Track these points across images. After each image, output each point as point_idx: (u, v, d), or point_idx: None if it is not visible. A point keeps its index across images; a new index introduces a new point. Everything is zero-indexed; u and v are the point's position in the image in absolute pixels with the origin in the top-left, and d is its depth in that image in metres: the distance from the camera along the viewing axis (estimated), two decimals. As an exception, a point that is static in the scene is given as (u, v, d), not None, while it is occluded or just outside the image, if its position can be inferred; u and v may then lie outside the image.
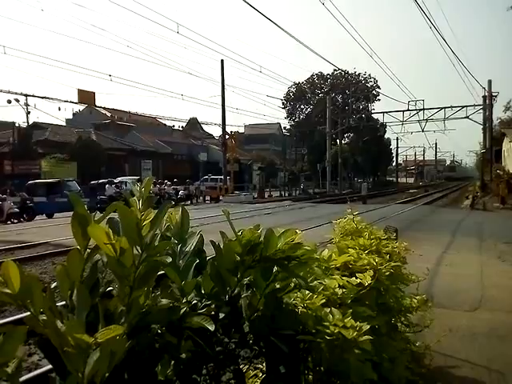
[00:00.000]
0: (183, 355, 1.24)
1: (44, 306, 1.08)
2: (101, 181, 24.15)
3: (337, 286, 1.75)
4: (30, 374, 3.41)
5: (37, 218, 19.90)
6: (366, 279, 1.86)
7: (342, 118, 46.08)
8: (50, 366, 1.25)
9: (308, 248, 1.33)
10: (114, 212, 1.27)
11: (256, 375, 2.04)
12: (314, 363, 1.74)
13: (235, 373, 1.45)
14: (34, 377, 3.31)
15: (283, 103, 61.75)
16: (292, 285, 1.42)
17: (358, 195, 30.04)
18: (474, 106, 36.24)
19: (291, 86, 61.06)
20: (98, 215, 1.33)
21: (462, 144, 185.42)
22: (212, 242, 1.42)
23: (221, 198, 30.18)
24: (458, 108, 37.15)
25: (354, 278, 1.87)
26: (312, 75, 62.41)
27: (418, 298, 2.61)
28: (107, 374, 1.00)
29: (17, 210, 19.01)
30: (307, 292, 1.55)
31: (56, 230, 12.12)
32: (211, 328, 1.14)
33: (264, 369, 1.92)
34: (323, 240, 3.37)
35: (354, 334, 1.45)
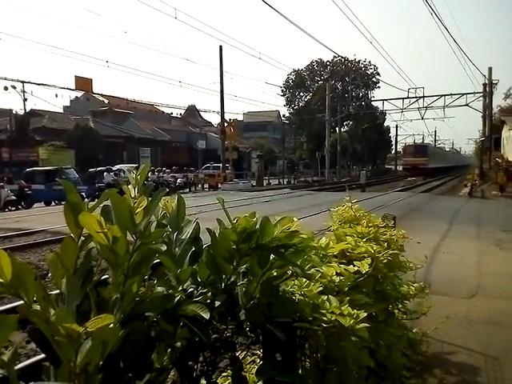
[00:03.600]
0: (179, 343, 1.23)
1: (37, 294, 1.06)
2: (99, 168, 24.07)
3: (334, 273, 1.74)
4: (28, 361, 3.43)
5: (35, 205, 19.88)
6: (364, 267, 1.85)
7: (342, 105, 45.80)
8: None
9: (305, 236, 1.31)
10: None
11: (253, 361, 2.05)
12: (311, 350, 1.74)
13: (232, 360, 1.44)
14: (32, 364, 3.32)
15: (282, 91, 61.41)
16: (289, 272, 1.41)
17: (357, 183, 30.03)
18: (474, 93, 35.99)
19: (291, 73, 60.68)
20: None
21: (461, 132, 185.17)
22: (208, 229, 1.41)
23: (219, 185, 30.16)
24: (458, 96, 36.92)
25: (351, 266, 1.86)
26: (312, 62, 61.97)
27: (415, 285, 2.61)
28: (101, 363, 0.99)
29: (14, 197, 18.98)
30: (304, 279, 1.54)
31: (54, 217, 12.11)
32: (206, 316, 1.12)
33: (262, 355, 1.93)
34: (321, 228, 3.36)
35: (351, 321, 1.44)
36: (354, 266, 1.87)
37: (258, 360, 2.05)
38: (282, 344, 1.35)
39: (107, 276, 1.28)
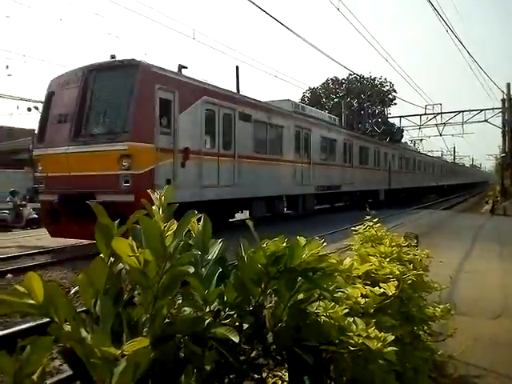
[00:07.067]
0: (207, 366, 1.23)
1: (68, 315, 1.08)
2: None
3: (359, 295, 1.72)
4: (52, 379, 3.44)
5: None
6: (391, 289, 1.82)
7: (358, 122, 45.72)
8: (70, 372, 1.27)
9: (333, 261, 1.31)
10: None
11: (275, 383, 2.02)
12: (337, 373, 1.71)
13: (257, 382, 1.43)
14: (57, 382, 3.33)
15: (298, 108, 61.66)
16: (316, 295, 1.40)
17: (376, 200, 29.67)
18: (493, 109, 35.50)
19: (306, 91, 61.06)
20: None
21: (480, 148, 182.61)
22: (236, 253, 1.41)
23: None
24: (476, 111, 36.46)
25: (377, 288, 1.84)
26: (327, 80, 62.30)
27: (441, 307, 2.55)
28: (132, 384, 1.00)
29: (36, 215, 19.31)
30: (329, 301, 1.52)
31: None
32: (236, 339, 1.12)
33: (283, 376, 1.90)
34: (339, 246, 3.34)
35: (379, 344, 1.42)
36: (380, 287, 1.85)
37: (280, 382, 2.02)
38: (309, 367, 1.33)
39: (132, 295, 1.30)
